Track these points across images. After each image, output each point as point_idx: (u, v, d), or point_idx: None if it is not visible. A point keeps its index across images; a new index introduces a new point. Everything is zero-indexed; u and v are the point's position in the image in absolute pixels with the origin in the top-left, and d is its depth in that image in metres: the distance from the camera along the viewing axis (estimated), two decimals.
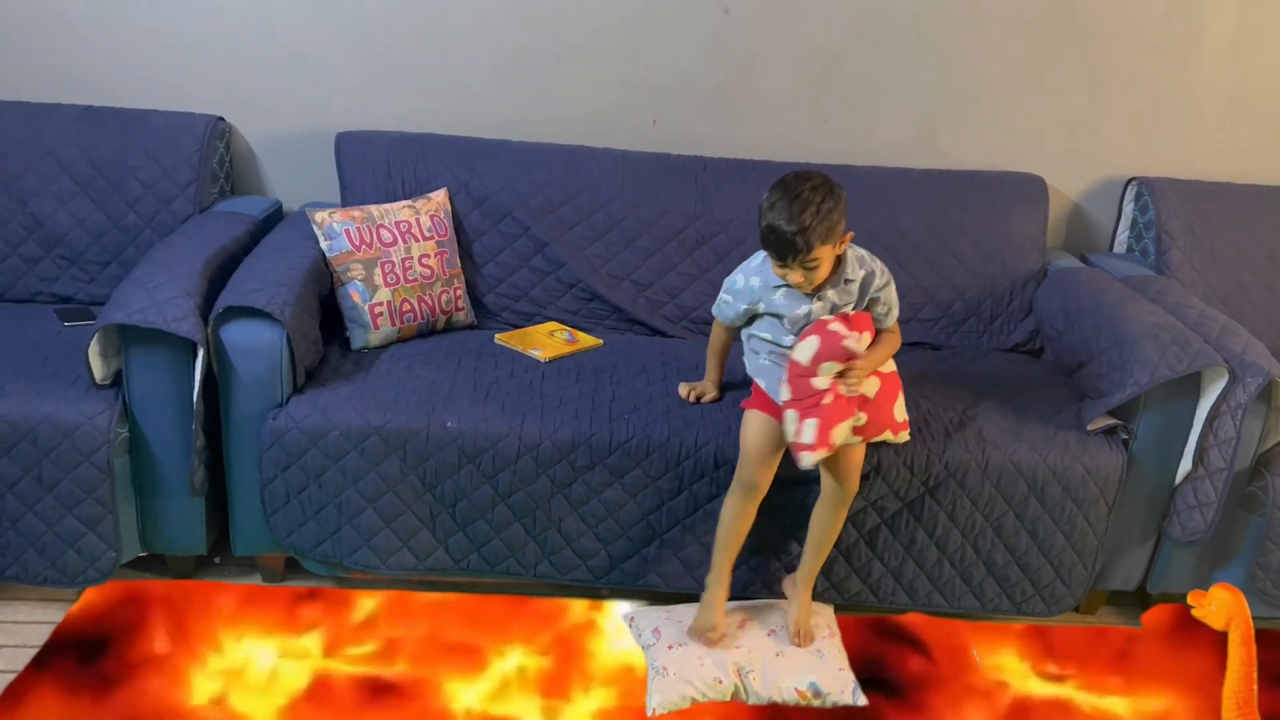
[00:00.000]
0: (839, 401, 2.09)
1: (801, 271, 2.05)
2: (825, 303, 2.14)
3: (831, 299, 2.14)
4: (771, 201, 2.03)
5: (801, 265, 2.04)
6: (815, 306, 2.13)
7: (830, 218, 2.01)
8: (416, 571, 2.39)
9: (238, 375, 2.25)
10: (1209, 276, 2.88)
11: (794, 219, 1.99)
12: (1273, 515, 2.39)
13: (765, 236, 2.05)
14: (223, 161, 2.85)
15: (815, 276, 2.07)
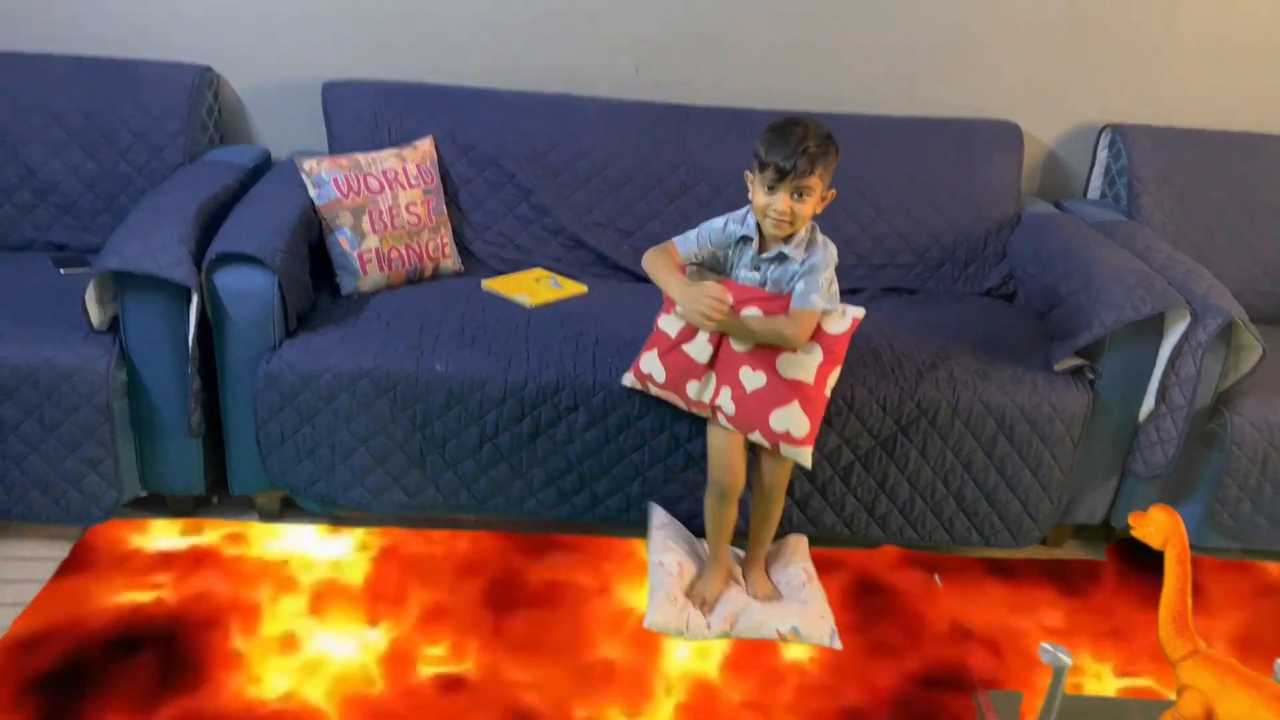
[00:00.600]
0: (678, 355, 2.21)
1: (789, 200, 2.05)
2: (760, 274, 2.18)
3: (769, 274, 2.17)
4: (775, 126, 2.07)
5: (794, 189, 2.04)
6: (750, 275, 2.19)
7: (830, 153, 2.07)
8: (408, 509, 2.48)
9: (231, 320, 2.32)
10: (1179, 221, 2.95)
11: (801, 139, 2.02)
12: (1231, 451, 2.48)
13: (767, 151, 2.04)
14: (211, 111, 2.89)
15: (799, 213, 2.06)
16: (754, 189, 2.11)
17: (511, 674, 2.09)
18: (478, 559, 2.41)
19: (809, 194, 2.06)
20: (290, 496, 2.50)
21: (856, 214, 2.91)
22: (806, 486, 2.47)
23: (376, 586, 2.31)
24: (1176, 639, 1.55)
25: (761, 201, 2.09)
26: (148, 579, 2.26)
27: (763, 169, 2.06)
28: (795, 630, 2.24)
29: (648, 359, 2.26)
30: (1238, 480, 2.51)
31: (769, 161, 2.04)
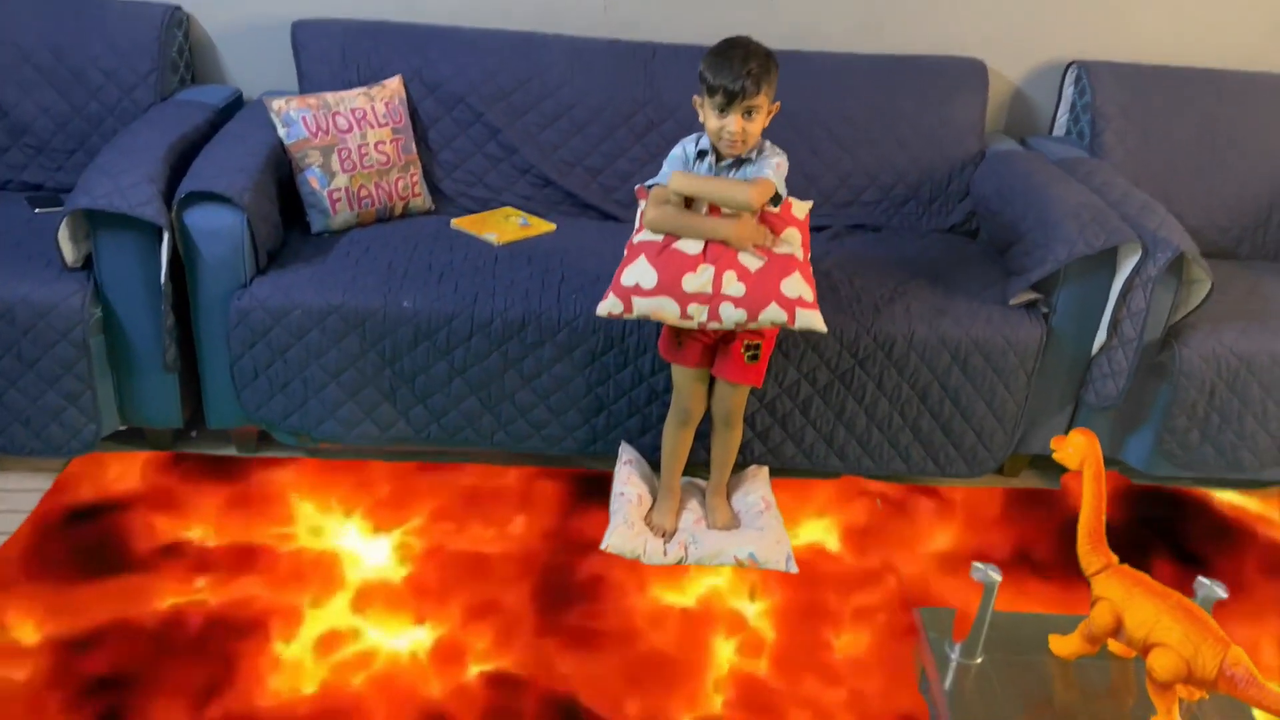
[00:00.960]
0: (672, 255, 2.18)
1: (740, 120, 2.12)
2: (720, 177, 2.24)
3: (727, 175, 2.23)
4: (717, 51, 2.14)
5: (744, 110, 2.11)
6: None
7: (772, 71, 2.14)
8: (380, 442, 2.55)
9: (202, 257, 2.37)
10: (1140, 158, 2.99)
11: (744, 61, 2.09)
12: (1179, 382, 2.56)
13: (711, 82, 2.11)
14: (181, 51, 2.91)
15: (750, 130, 2.13)
16: (704, 113, 2.18)
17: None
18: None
19: (758, 112, 2.13)
20: (266, 430, 2.57)
21: (822, 152, 2.95)
22: (767, 419, 2.54)
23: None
24: (1091, 554, 1.63)
25: (714, 125, 2.15)
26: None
27: (711, 94, 2.13)
28: (752, 556, 2.33)
29: (632, 270, 2.18)
30: (1185, 410, 2.59)
31: (717, 86, 2.10)
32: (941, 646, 1.74)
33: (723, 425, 2.39)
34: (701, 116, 2.18)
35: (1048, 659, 1.72)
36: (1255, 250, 3.08)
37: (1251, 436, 2.62)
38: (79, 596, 2.09)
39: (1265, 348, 2.56)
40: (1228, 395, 2.57)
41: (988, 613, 1.69)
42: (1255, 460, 2.66)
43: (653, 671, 2.01)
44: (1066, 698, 1.65)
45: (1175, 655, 1.50)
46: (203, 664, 1.96)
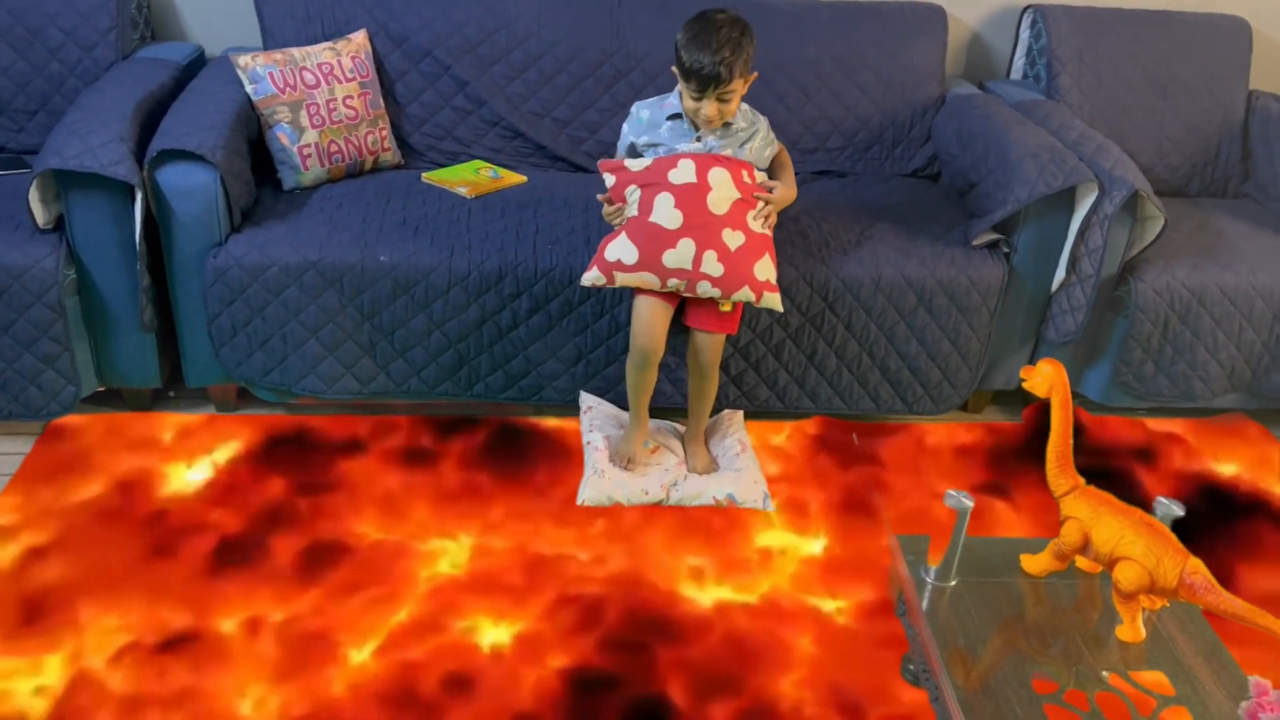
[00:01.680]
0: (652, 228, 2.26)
1: (716, 104, 2.19)
2: (703, 144, 2.30)
3: (710, 141, 2.30)
4: (691, 35, 2.17)
5: (718, 97, 2.18)
6: (693, 145, 2.30)
7: (746, 50, 2.17)
8: (361, 395, 2.58)
9: (176, 216, 2.37)
10: (1095, 99, 3.07)
11: (716, 50, 2.12)
12: (1135, 317, 2.66)
13: (687, 68, 2.17)
14: (141, 7, 2.87)
15: (728, 110, 2.22)
16: (681, 87, 2.24)
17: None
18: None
19: (733, 95, 2.20)
20: (245, 387, 2.59)
21: (786, 99, 2.99)
22: (741, 364, 2.61)
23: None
24: (1060, 476, 1.72)
25: (690, 105, 2.23)
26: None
27: (685, 78, 2.18)
28: (731, 497, 2.41)
29: (615, 246, 2.27)
30: (1141, 343, 2.69)
31: (690, 73, 2.16)
32: (918, 570, 1.82)
33: (699, 376, 2.44)
34: (679, 86, 2.25)
35: (1019, 579, 1.81)
36: (1204, 188, 3.18)
37: (1203, 366, 2.73)
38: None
39: (1215, 280, 2.66)
40: (1180, 328, 2.68)
41: (961, 536, 1.78)
42: (1207, 389, 2.77)
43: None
44: (1037, 613, 1.75)
45: (1139, 567, 1.60)
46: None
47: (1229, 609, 1.55)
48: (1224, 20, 3.17)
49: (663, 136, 2.34)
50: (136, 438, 2.47)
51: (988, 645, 1.70)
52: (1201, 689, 1.61)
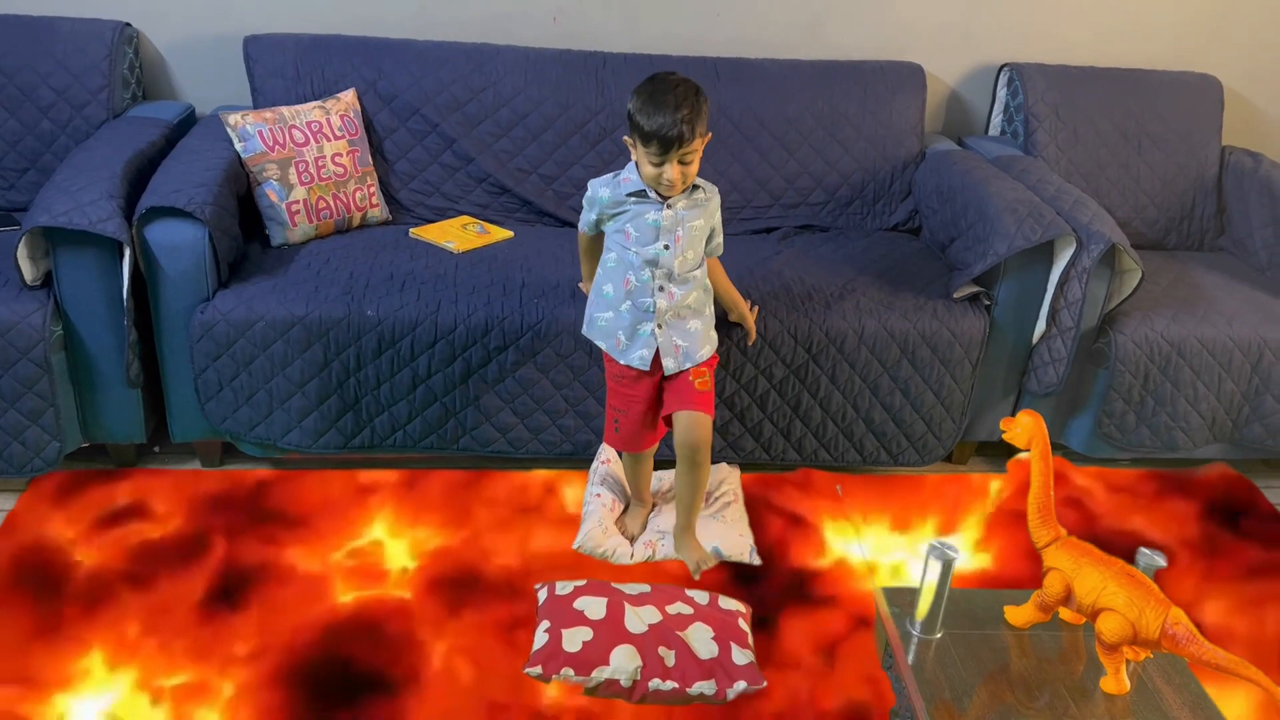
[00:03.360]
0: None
1: (679, 167, 2.06)
2: (674, 212, 2.15)
3: (680, 210, 2.15)
4: (645, 98, 2.04)
5: (680, 159, 2.05)
6: (665, 214, 2.14)
7: (703, 108, 2.06)
8: (346, 450, 2.58)
9: (164, 272, 2.38)
10: (1071, 155, 3.13)
11: (675, 109, 2.01)
12: (1116, 368, 2.68)
13: (645, 131, 2.03)
14: (132, 67, 2.91)
15: (690, 172, 2.09)
16: (637, 155, 2.11)
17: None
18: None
19: (694, 155, 2.08)
20: (230, 441, 2.59)
21: (770, 155, 3.04)
22: (726, 414, 2.62)
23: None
24: (1042, 528, 1.73)
25: (650, 172, 2.09)
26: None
27: (645, 142, 2.05)
28: (716, 550, 2.40)
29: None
30: (1122, 394, 2.72)
31: (650, 136, 2.03)
32: (903, 623, 1.82)
33: (688, 464, 2.29)
34: (634, 156, 2.12)
35: (1003, 631, 1.81)
36: (1181, 241, 3.24)
37: (1184, 417, 2.76)
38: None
39: (1194, 332, 2.70)
40: (1161, 379, 2.70)
41: (945, 589, 1.78)
42: (1189, 440, 2.80)
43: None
44: (1022, 665, 1.74)
45: (1121, 618, 1.60)
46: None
47: (1212, 659, 1.55)
48: (1195, 78, 3.25)
49: (628, 208, 2.17)
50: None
51: (973, 698, 1.69)
52: None
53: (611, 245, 2.24)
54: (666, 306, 2.21)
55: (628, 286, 2.21)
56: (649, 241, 2.17)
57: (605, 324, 2.28)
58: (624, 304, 2.22)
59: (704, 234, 2.23)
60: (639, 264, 2.18)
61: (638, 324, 2.23)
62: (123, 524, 2.36)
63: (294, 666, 2.01)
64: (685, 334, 2.25)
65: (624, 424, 2.33)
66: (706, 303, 2.30)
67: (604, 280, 2.26)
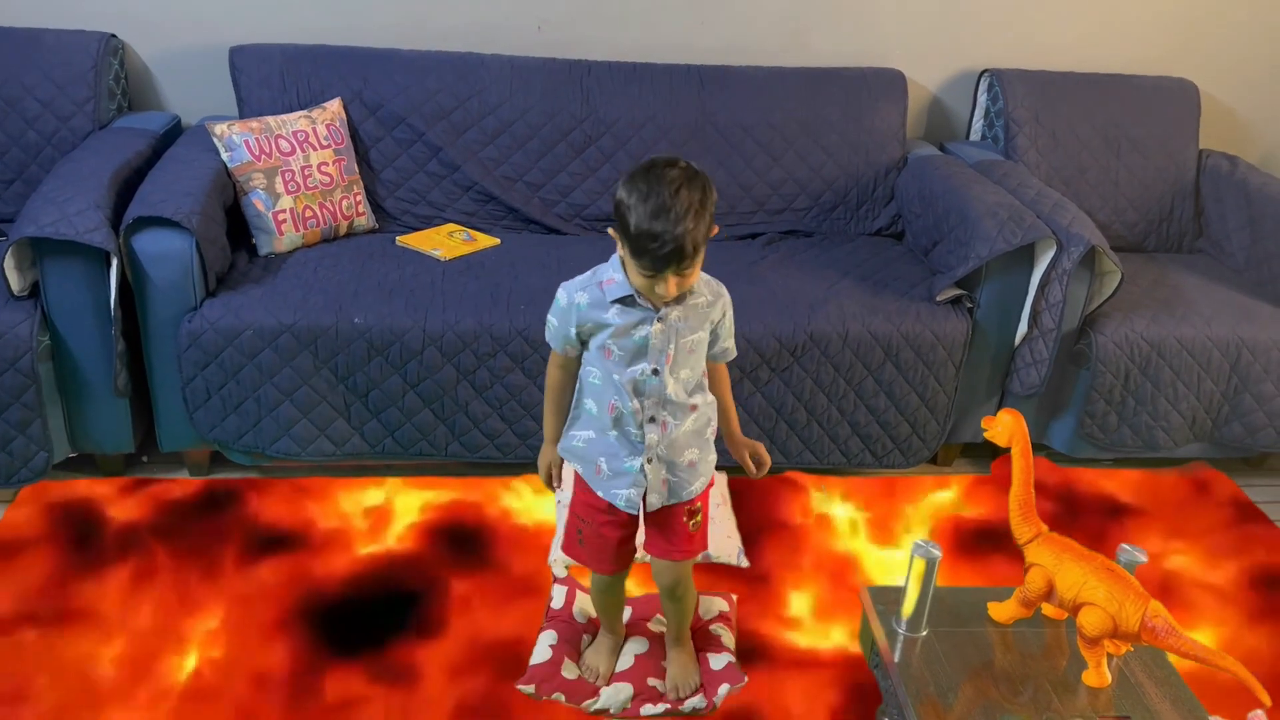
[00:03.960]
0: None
1: (674, 279, 1.65)
2: (666, 324, 1.74)
3: (674, 320, 1.75)
4: (640, 197, 1.61)
5: (678, 272, 1.65)
6: (655, 329, 1.73)
7: (708, 212, 1.65)
8: (335, 457, 2.59)
9: (151, 282, 2.39)
10: (1051, 159, 3.17)
11: (677, 220, 1.59)
12: (1097, 369, 2.72)
13: (638, 242, 1.62)
14: (118, 78, 2.92)
15: (687, 283, 1.69)
16: (626, 264, 1.69)
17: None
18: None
19: (695, 266, 1.67)
20: (219, 450, 2.59)
21: (754, 161, 3.07)
22: None
23: None
24: (1023, 524, 1.75)
25: (640, 282, 1.68)
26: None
27: (635, 255, 1.64)
28: (705, 554, 2.41)
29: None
30: (1104, 395, 2.75)
31: (644, 250, 1.61)
32: (889, 621, 1.84)
33: (671, 598, 2.01)
34: (621, 253, 1.70)
35: (987, 627, 1.84)
36: (1160, 243, 3.28)
37: (1165, 417, 2.79)
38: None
39: (1173, 333, 2.73)
40: (1141, 379, 2.74)
41: (930, 587, 1.80)
42: (1170, 439, 2.83)
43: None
44: (1006, 661, 1.76)
45: (1102, 612, 1.62)
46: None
47: (1190, 651, 1.57)
48: (1172, 83, 3.29)
49: (612, 320, 1.74)
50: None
51: (959, 695, 1.71)
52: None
53: (593, 361, 1.81)
54: (658, 440, 1.81)
55: (613, 413, 1.79)
56: (633, 362, 1.76)
57: (584, 446, 1.86)
58: (610, 430, 1.82)
59: (703, 346, 1.82)
60: (625, 389, 1.77)
61: (624, 456, 1.82)
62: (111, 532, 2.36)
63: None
64: (676, 468, 1.85)
65: (590, 539, 1.93)
66: (709, 424, 1.89)
67: (586, 395, 1.84)
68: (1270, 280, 3.00)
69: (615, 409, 1.79)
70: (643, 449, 1.81)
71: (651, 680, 2.08)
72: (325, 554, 2.35)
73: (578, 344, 1.81)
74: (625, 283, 1.71)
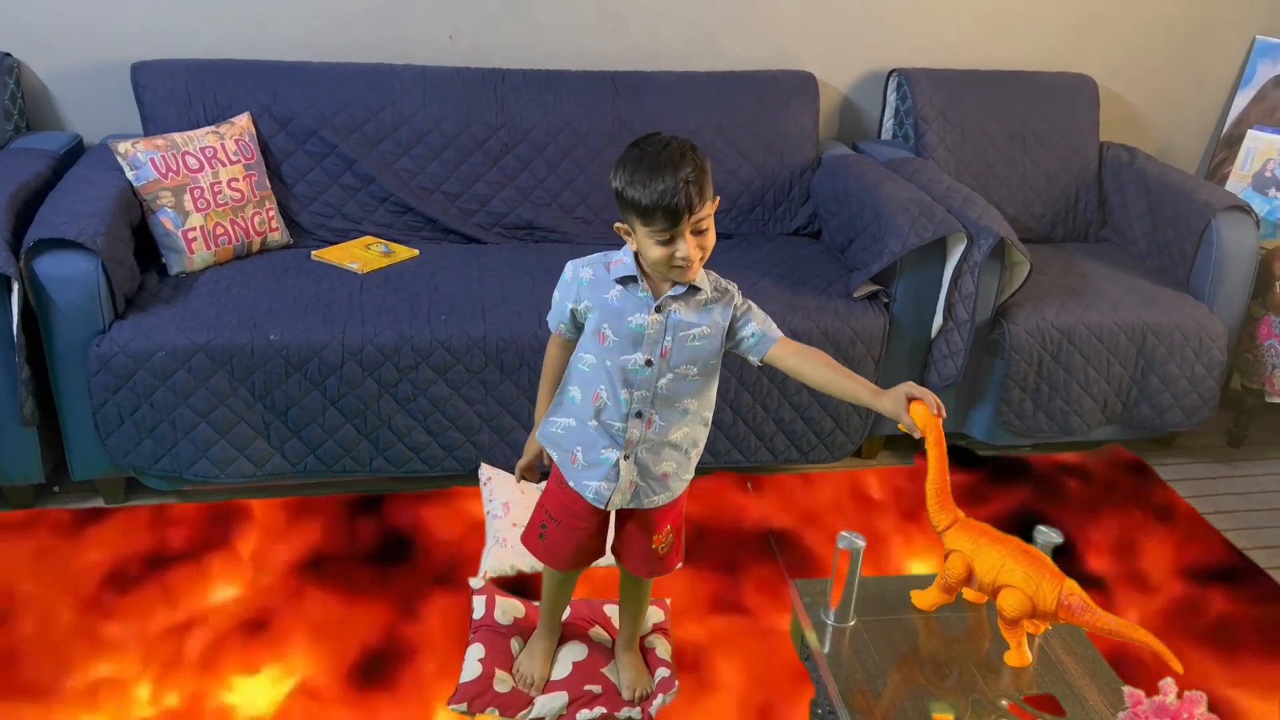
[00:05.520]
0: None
1: (693, 238, 1.63)
2: (663, 317, 1.71)
3: (673, 311, 1.71)
4: (634, 163, 1.62)
5: (693, 227, 1.62)
6: (651, 319, 1.70)
7: (706, 167, 1.64)
8: (256, 478, 2.53)
9: (56, 306, 2.32)
10: (960, 155, 3.24)
11: (675, 168, 1.59)
12: (1011, 358, 2.79)
13: (644, 205, 1.60)
14: (14, 98, 2.83)
15: (706, 244, 1.66)
16: (637, 242, 1.67)
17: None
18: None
19: (708, 221, 1.65)
20: (134, 476, 2.52)
21: None
22: None
23: None
24: (940, 512, 1.79)
25: (659, 254, 1.63)
26: None
27: (646, 219, 1.61)
28: None
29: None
30: (1018, 383, 2.82)
31: (653, 210, 1.59)
32: (817, 613, 1.86)
33: (632, 602, 2.07)
34: (632, 244, 1.70)
35: (913, 615, 1.87)
36: (1067, 233, 3.38)
37: (1078, 402, 2.87)
38: None
39: (1082, 320, 2.82)
40: (1053, 366, 2.82)
41: (855, 577, 1.82)
42: (1083, 423, 2.91)
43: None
44: (931, 646, 1.79)
45: (1020, 594, 1.66)
46: None
47: (1105, 625, 1.62)
48: (1072, 78, 3.40)
49: (610, 303, 1.72)
50: None
51: (887, 682, 1.74)
52: (1088, 705, 1.68)
53: (587, 346, 1.78)
54: (640, 438, 1.77)
55: (596, 402, 1.77)
56: (626, 351, 1.72)
57: (562, 433, 1.83)
58: (590, 420, 1.78)
59: (708, 348, 1.75)
60: (615, 377, 1.74)
61: (600, 447, 1.79)
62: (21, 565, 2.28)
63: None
64: (648, 474, 1.82)
65: (552, 534, 1.91)
66: (695, 446, 1.84)
67: (572, 381, 1.81)
68: (1170, 266, 3.11)
69: (600, 399, 1.76)
70: (622, 443, 1.78)
71: (588, 685, 2.07)
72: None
73: (572, 325, 1.79)
74: (633, 265, 1.71)
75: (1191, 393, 2.91)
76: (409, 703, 2.01)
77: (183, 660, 2.07)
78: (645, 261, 1.69)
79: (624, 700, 2.06)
